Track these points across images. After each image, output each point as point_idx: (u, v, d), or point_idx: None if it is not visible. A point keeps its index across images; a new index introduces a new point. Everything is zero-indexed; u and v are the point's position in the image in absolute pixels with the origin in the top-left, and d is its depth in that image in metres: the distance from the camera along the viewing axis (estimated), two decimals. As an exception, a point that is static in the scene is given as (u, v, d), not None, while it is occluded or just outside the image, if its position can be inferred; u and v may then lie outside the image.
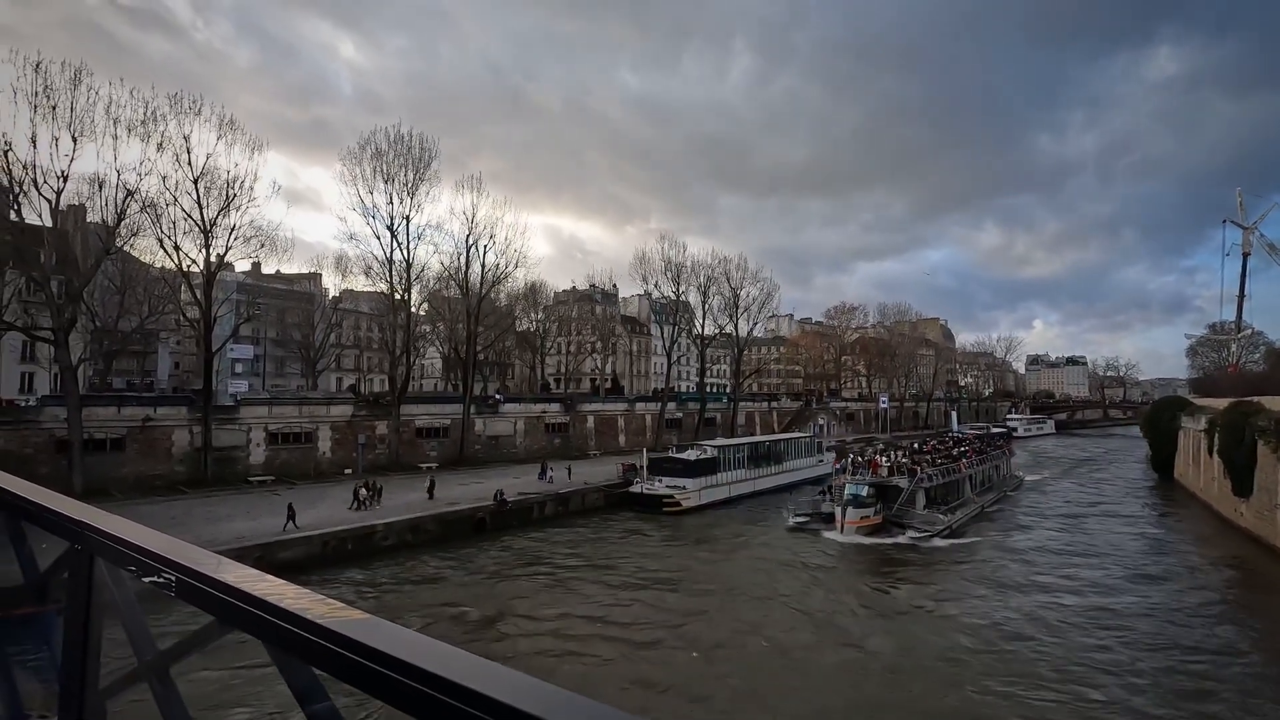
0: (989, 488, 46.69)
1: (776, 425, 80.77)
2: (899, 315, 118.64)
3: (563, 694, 0.83)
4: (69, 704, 1.60)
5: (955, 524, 36.17)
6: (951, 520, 36.22)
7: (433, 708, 0.83)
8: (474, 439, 52.88)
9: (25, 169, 32.59)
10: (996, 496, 46.25)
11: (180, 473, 39.17)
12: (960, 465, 42.85)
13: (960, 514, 38.14)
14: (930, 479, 38.40)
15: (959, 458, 44.57)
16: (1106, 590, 26.31)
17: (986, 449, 51.39)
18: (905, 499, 36.33)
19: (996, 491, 47.32)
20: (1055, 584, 27.02)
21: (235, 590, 1.15)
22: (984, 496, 44.02)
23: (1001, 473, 51.55)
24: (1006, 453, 55.24)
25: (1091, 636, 21.02)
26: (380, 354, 68.79)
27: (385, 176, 48.01)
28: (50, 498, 1.89)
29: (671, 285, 70.24)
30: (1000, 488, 48.80)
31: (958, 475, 41.88)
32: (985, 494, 44.82)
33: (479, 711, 0.79)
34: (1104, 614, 23.31)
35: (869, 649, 20.16)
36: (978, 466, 45.70)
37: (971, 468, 44.17)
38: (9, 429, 34.85)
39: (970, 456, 46.19)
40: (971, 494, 42.33)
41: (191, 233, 40.18)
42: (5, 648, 2.33)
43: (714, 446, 47.43)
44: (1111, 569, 29.53)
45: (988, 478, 47.63)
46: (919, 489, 36.98)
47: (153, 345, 65.64)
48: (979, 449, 50.06)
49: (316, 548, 27.80)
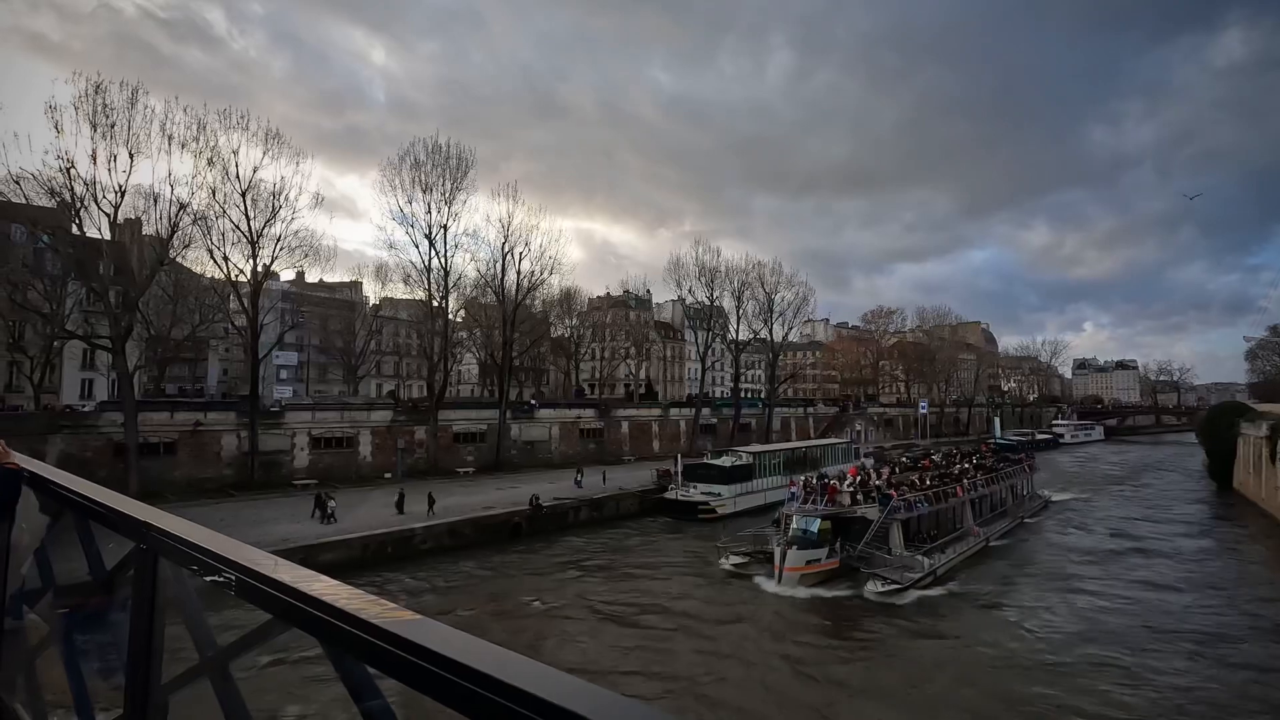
0: (1001, 512, 39.14)
1: (813, 431, 79.73)
2: (938, 319, 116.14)
3: (608, 695, 0.84)
4: (134, 697, 1.66)
5: (941, 568, 28.09)
6: (937, 564, 27.90)
7: (482, 706, 0.85)
8: (510, 444, 53.41)
9: (86, 185, 34.17)
10: (1010, 524, 38.39)
11: (229, 476, 40.42)
12: (958, 489, 34.61)
13: (952, 553, 30.18)
14: (910, 507, 30.05)
15: (958, 477, 36.47)
16: (1154, 666, 19.14)
17: (998, 465, 43.64)
18: (874, 535, 28.14)
19: (1011, 518, 39.38)
20: (1072, 669, 18.79)
21: (293, 590, 1.20)
22: (993, 525, 36.59)
23: (1019, 493, 43.52)
24: (1026, 469, 46.46)
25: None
26: (419, 360, 70.00)
27: (424, 187, 49.05)
28: (116, 499, 1.98)
29: (705, 290, 70.04)
30: (1016, 513, 40.66)
31: (953, 502, 33.66)
32: (995, 522, 37.37)
33: (527, 710, 0.81)
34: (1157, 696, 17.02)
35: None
36: (984, 488, 37.55)
37: (974, 490, 35.96)
38: (70, 433, 36.42)
39: (974, 475, 38.25)
40: (974, 523, 34.40)
41: (239, 244, 41.70)
42: (73, 642, 2.44)
43: (749, 453, 47.07)
44: (1162, 628, 22.19)
45: (1000, 501, 39.88)
46: (893, 522, 28.70)
47: (203, 353, 67.92)
48: (989, 465, 42.29)
49: (356, 550, 28.40)
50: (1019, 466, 45.38)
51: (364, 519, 31.53)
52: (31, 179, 33.07)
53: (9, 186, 33.06)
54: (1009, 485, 41.88)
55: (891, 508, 28.98)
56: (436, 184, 49.25)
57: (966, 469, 39.93)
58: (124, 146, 34.58)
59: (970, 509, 34.79)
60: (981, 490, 37.13)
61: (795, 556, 26.53)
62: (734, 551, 29.62)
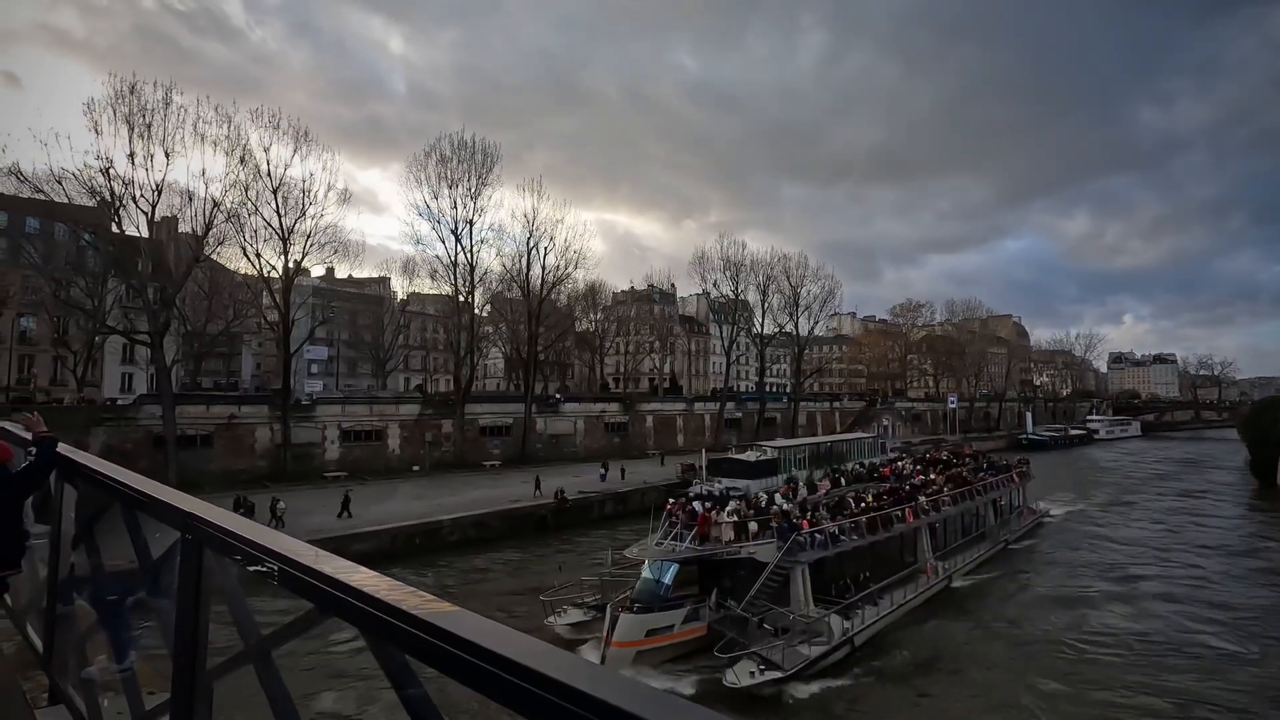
0: (976, 537, 31.08)
1: (839, 426, 78.94)
2: (968, 312, 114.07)
3: (645, 688, 0.86)
4: (181, 682, 1.73)
5: (863, 632, 19.90)
6: (857, 626, 19.78)
7: (517, 696, 0.89)
8: (535, 438, 53.81)
9: (124, 185, 35.08)
10: (987, 551, 30.49)
11: (262, 467, 41.35)
12: (907, 512, 25.59)
13: (888, 605, 21.72)
14: (829, 542, 21.66)
15: (908, 498, 26.95)
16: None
17: (979, 475, 34.86)
18: (767, 586, 19.98)
19: (990, 542, 31.43)
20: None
21: (334, 580, 1.23)
22: (962, 555, 28.65)
23: (1003, 510, 35.04)
24: (1015, 477, 37.40)
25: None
26: (446, 355, 70.80)
27: (450, 182, 49.49)
28: (161, 490, 2.05)
29: (730, 284, 69.80)
30: (997, 536, 32.55)
31: (899, 529, 25.03)
32: (967, 549, 29.45)
33: (563, 701, 0.84)
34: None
35: None
36: (950, 507, 29.00)
37: (932, 513, 27.29)
38: (111, 426, 37.55)
39: (939, 489, 29.88)
40: (931, 557, 26.29)
41: (271, 240, 42.56)
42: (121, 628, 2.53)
43: (774, 447, 46.42)
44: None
45: (975, 522, 31.80)
46: (796, 566, 20.30)
47: (237, 347, 69.42)
48: (962, 476, 33.44)
49: (386, 541, 28.91)
50: (1004, 476, 36.46)
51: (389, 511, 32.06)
52: (73, 179, 34.09)
53: (52, 186, 34.11)
54: (989, 501, 33.37)
55: (794, 543, 20.45)
56: (462, 179, 49.73)
57: (932, 481, 31.32)
58: (159, 146, 35.51)
59: (927, 537, 26.80)
60: (947, 510, 28.69)
61: (629, 626, 18.20)
62: (573, 604, 21.27)
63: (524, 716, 0.88)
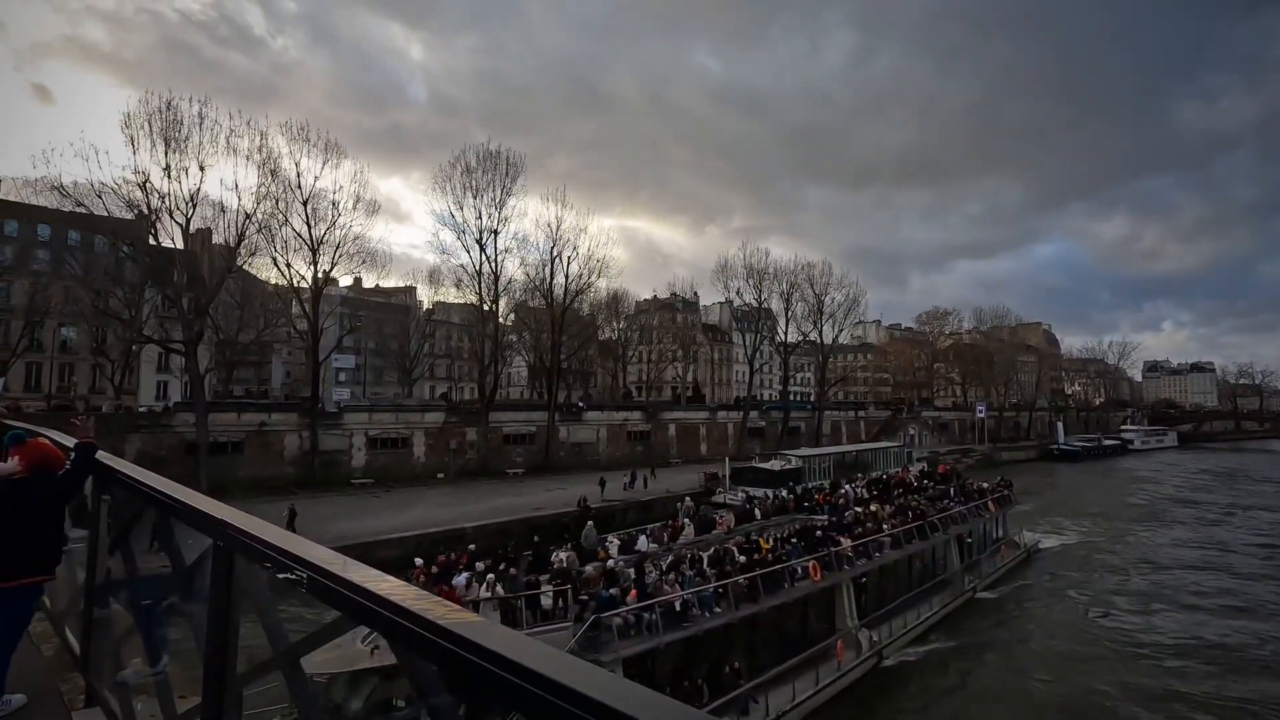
0: (933, 585, 24.71)
1: (864, 435, 78.06)
2: (997, 319, 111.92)
3: (670, 703, 0.86)
4: (211, 686, 1.75)
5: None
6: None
7: (541, 707, 0.89)
8: (559, 446, 53.95)
9: (161, 198, 36.06)
10: (940, 609, 23.82)
11: (291, 474, 41.98)
12: (812, 567, 18.80)
13: (773, 705, 15.58)
14: (656, 625, 14.65)
15: (821, 543, 20.27)
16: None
17: (929, 508, 27.27)
18: None
19: (952, 591, 25.25)
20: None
21: (362, 589, 1.24)
22: (904, 617, 21.74)
23: (972, 550, 28.63)
24: (990, 504, 31.22)
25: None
26: (470, 363, 71.50)
27: (474, 192, 50.09)
28: (195, 498, 2.08)
29: (753, 291, 69.49)
30: (960, 583, 26.12)
31: (801, 590, 18.23)
32: (913, 606, 22.55)
33: (586, 713, 0.83)
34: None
35: None
36: (892, 550, 22.57)
37: (852, 567, 20.42)
38: (147, 433, 38.44)
39: (877, 523, 23.68)
40: (855, 623, 19.86)
41: (300, 250, 43.41)
42: (154, 632, 2.57)
43: (798, 456, 46.34)
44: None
45: (930, 568, 25.31)
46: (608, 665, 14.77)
47: (267, 356, 70.83)
48: (915, 506, 27.15)
49: (410, 548, 29.13)
50: (974, 505, 30.16)
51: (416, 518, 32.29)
52: (112, 192, 35.13)
53: (91, 200, 35.20)
54: (951, 538, 26.42)
55: (591, 633, 13.87)
56: (486, 189, 50.28)
57: (872, 515, 24.92)
58: (194, 159, 36.44)
59: (849, 596, 20.02)
60: (887, 555, 22.11)
61: None
62: None
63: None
